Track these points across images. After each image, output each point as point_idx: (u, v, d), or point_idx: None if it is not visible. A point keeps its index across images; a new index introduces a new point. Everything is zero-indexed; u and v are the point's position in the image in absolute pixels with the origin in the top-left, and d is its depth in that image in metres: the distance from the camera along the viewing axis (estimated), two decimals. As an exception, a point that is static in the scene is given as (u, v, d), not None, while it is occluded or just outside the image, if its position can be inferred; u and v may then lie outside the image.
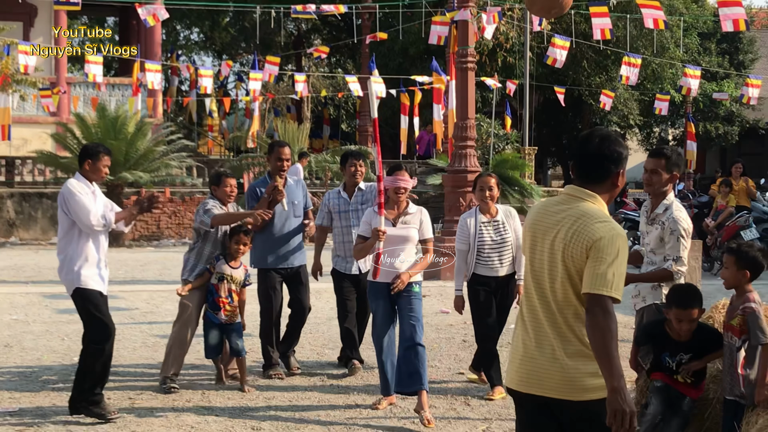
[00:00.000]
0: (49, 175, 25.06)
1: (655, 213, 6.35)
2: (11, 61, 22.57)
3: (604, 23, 19.25)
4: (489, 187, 7.88)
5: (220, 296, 8.09)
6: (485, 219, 7.90)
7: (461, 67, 16.76)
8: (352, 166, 8.97)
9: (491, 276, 7.86)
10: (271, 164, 8.84)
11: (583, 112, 37.96)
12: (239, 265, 8.29)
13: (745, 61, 40.28)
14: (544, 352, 4.06)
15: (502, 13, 25.45)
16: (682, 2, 34.91)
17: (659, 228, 6.29)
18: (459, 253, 7.98)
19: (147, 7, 22.74)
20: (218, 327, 8.15)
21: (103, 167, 7.35)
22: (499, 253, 7.83)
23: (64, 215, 7.21)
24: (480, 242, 7.80)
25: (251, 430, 7.07)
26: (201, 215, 8.26)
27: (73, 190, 7.16)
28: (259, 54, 29.62)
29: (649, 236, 6.43)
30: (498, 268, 7.84)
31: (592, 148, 4.15)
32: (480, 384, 8.26)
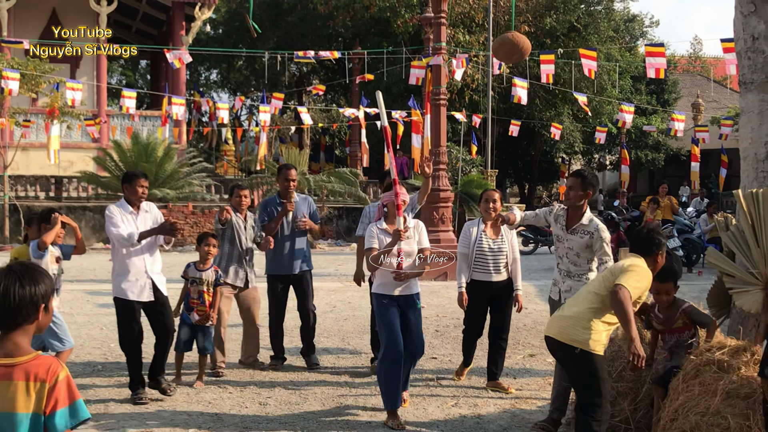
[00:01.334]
0: (91, 191, 24.96)
1: (579, 224, 6.42)
2: (60, 97, 22.53)
3: (549, 69, 19.40)
4: (493, 200, 7.58)
5: (192, 298, 7.78)
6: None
7: (435, 103, 16.80)
8: (285, 181, 8.62)
9: (487, 281, 7.50)
10: (280, 184, 8.68)
11: (535, 141, 38.11)
12: (209, 267, 7.90)
13: (669, 99, 40.61)
14: None
15: (469, 59, 25.56)
16: (618, 51, 35.11)
17: (585, 236, 6.40)
18: (461, 256, 7.64)
19: (174, 52, 22.74)
20: (189, 326, 7.78)
21: (138, 188, 7.18)
22: (494, 260, 7.49)
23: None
24: (478, 248, 7.51)
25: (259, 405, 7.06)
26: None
27: (109, 214, 7.09)
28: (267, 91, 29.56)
29: (569, 242, 6.47)
30: (493, 273, 7.49)
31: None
32: (503, 392, 7.49)
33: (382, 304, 6.72)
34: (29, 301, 2.98)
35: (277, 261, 8.51)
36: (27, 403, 2.91)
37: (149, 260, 7.21)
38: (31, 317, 3.00)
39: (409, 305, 6.74)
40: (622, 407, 5.96)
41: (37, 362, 2.96)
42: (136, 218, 7.17)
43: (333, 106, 39.60)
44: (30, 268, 3.02)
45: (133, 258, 7.12)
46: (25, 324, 3.00)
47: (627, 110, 22.91)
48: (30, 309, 2.99)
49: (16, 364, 2.93)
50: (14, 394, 2.90)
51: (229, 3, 39.87)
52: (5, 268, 3.00)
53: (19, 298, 2.94)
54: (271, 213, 8.53)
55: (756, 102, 6.50)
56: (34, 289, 2.99)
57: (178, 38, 29.16)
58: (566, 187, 6.55)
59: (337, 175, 24.81)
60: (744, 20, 6.56)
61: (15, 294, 2.94)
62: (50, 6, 29.06)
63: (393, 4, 31.30)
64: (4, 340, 2.99)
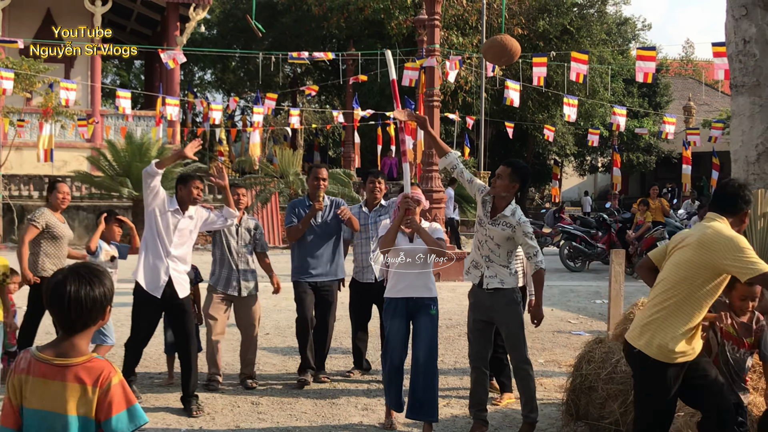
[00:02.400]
0: (85, 191, 24.87)
1: (501, 215, 6.15)
2: (54, 96, 22.47)
3: (541, 72, 19.43)
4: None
5: None
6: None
7: (428, 104, 16.80)
8: (371, 183, 8.17)
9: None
10: (309, 184, 7.92)
11: (528, 143, 38.18)
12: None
13: (661, 102, 40.73)
14: None
15: (463, 61, 25.59)
16: (610, 53, 35.18)
17: (507, 228, 6.12)
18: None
19: (168, 52, 22.68)
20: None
21: (193, 190, 6.99)
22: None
23: None
24: None
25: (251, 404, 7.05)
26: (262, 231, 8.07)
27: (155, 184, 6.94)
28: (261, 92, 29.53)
29: (490, 232, 6.20)
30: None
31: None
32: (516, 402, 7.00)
33: (386, 312, 6.51)
34: (100, 303, 2.98)
35: (301, 267, 7.83)
36: (78, 405, 2.90)
37: (175, 257, 6.95)
38: (98, 319, 3.01)
39: (420, 309, 6.38)
40: (613, 409, 5.97)
41: (90, 365, 2.94)
42: (178, 221, 6.95)
43: (327, 107, 39.63)
44: (95, 270, 3.02)
45: (158, 248, 6.90)
46: (92, 326, 3.00)
47: (620, 113, 22.97)
48: (99, 311, 2.99)
49: (70, 365, 2.92)
50: (65, 395, 2.89)
51: (224, 4, 39.84)
52: (70, 271, 2.98)
53: (90, 301, 2.94)
54: (299, 215, 7.83)
55: (747, 105, 6.51)
56: (104, 290, 2.99)
57: (173, 39, 29.10)
58: (495, 175, 6.24)
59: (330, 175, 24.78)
60: (735, 24, 6.58)
61: (87, 297, 2.93)
62: (45, 6, 28.98)
63: (387, 6, 31.31)
64: (63, 341, 2.98)
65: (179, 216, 6.98)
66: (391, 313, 6.43)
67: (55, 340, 3.00)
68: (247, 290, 7.82)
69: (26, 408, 2.92)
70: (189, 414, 6.73)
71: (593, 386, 6.10)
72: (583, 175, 48.83)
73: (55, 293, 2.93)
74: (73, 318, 2.93)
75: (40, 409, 2.91)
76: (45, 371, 2.92)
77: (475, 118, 28.16)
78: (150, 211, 6.91)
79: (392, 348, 6.39)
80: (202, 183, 7.14)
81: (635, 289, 13.95)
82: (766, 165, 6.38)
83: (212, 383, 7.63)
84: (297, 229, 7.75)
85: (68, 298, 2.91)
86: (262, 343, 9.50)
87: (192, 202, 7.04)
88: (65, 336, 2.98)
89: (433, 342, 6.33)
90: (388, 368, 6.42)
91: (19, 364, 2.98)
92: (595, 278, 16.80)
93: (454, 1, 31.73)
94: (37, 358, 2.95)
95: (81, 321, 2.95)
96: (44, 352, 2.97)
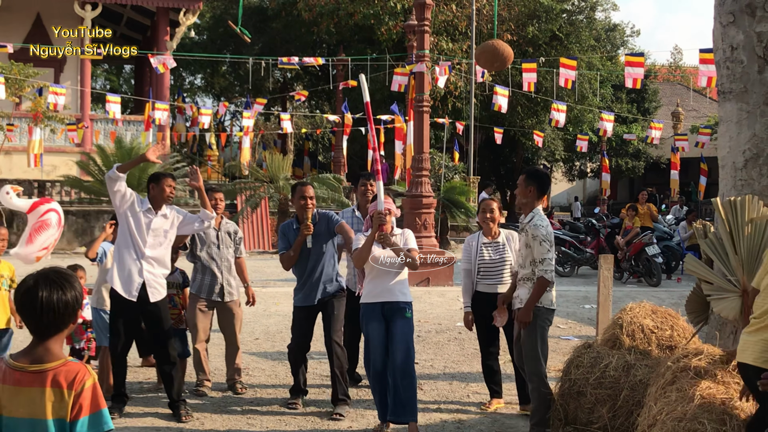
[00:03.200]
0: (74, 196, 24.78)
1: (521, 222, 6.36)
2: (43, 101, 22.41)
3: (531, 77, 19.49)
4: (491, 209, 7.26)
5: None
6: (486, 240, 7.21)
7: (418, 110, 16.82)
8: (362, 186, 8.03)
9: (491, 293, 7.09)
10: (296, 204, 7.26)
11: (517, 148, 38.24)
12: (175, 271, 7.75)
13: (650, 108, 40.88)
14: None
15: (452, 67, 25.64)
16: (599, 59, 35.30)
17: (522, 234, 6.33)
18: (464, 273, 7.25)
19: (158, 57, 22.69)
20: None
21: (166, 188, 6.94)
22: (498, 272, 7.09)
23: None
24: (480, 261, 7.16)
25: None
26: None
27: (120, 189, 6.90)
28: (251, 97, 29.53)
29: (520, 241, 6.46)
30: (497, 285, 7.05)
31: None
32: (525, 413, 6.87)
33: (364, 317, 6.57)
34: (72, 307, 2.97)
35: (300, 291, 7.29)
36: (54, 408, 2.89)
37: (150, 259, 6.84)
38: (70, 322, 2.99)
39: (395, 313, 6.44)
40: (601, 414, 5.98)
41: (65, 368, 2.93)
42: (151, 221, 6.86)
43: (317, 112, 39.61)
44: (65, 274, 3.00)
45: (131, 250, 6.80)
46: (64, 329, 2.99)
47: (607, 119, 23.04)
48: (71, 315, 2.98)
49: (47, 370, 2.91)
50: (44, 400, 2.88)
51: (214, 9, 39.81)
52: (40, 276, 2.96)
53: (63, 305, 2.93)
54: (290, 240, 7.27)
55: (734, 111, 6.55)
56: (75, 294, 2.98)
57: (163, 43, 29.05)
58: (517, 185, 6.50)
59: (320, 180, 24.75)
60: (723, 30, 6.62)
61: (59, 301, 2.92)
62: (34, 10, 28.90)
63: (377, 11, 31.35)
64: (36, 347, 2.96)
65: (151, 215, 6.88)
66: (368, 317, 6.50)
67: (29, 347, 2.98)
68: (230, 296, 7.74)
69: (5, 417, 2.90)
70: (178, 419, 6.69)
71: (582, 391, 6.12)
72: (572, 181, 48.95)
73: (26, 299, 2.92)
74: (46, 323, 2.93)
75: (20, 417, 2.89)
76: (20, 378, 2.91)
77: (465, 124, 28.21)
78: (121, 213, 6.82)
79: (373, 352, 6.46)
80: (174, 181, 7.06)
81: (624, 294, 13.99)
82: (753, 171, 6.40)
83: (201, 389, 7.59)
84: (289, 257, 7.21)
85: (40, 304, 2.90)
86: (251, 348, 9.49)
87: (165, 201, 6.95)
88: (39, 341, 2.96)
89: (409, 344, 6.41)
90: (372, 374, 6.48)
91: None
92: (584, 283, 16.82)
93: (443, 7, 31.79)
94: (11, 367, 2.93)
95: (54, 326, 2.94)
96: (18, 360, 2.95)
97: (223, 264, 7.72)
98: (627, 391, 5.93)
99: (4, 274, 6.67)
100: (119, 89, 49.62)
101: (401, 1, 30.95)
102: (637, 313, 6.56)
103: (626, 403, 5.91)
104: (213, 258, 7.68)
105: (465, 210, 23.27)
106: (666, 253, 17.51)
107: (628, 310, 6.61)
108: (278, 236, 7.43)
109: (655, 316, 6.58)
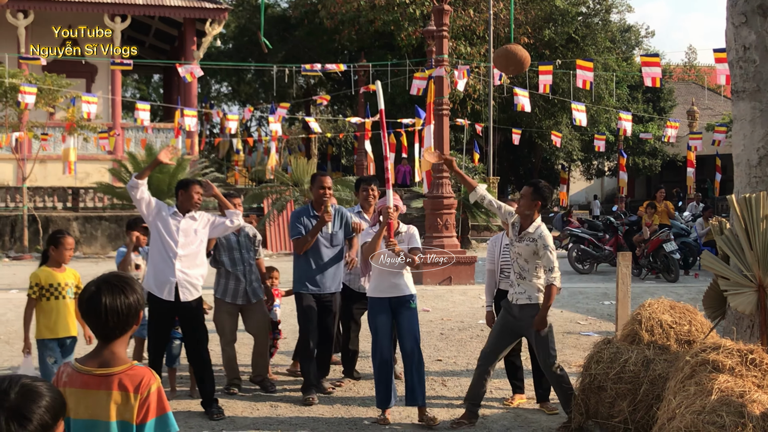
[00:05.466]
0: (107, 202, 25.00)
1: (526, 232, 6.42)
2: (76, 110, 22.62)
3: (547, 79, 19.40)
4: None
5: None
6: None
7: (438, 113, 16.80)
8: (364, 191, 8.03)
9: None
10: (314, 193, 7.50)
11: (535, 149, 38.12)
12: None
13: (665, 107, 40.60)
14: None
15: (471, 70, 25.59)
16: (614, 60, 35.11)
17: (531, 243, 6.38)
18: (488, 273, 7.31)
19: (186, 66, 22.85)
20: (179, 339, 7.48)
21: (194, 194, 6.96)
22: None
23: None
24: (503, 261, 7.20)
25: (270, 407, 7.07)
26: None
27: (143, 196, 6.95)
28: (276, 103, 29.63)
29: (519, 249, 6.47)
30: None
31: None
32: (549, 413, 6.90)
33: (372, 309, 6.78)
34: (134, 309, 3.01)
35: (306, 277, 7.37)
36: (119, 411, 2.93)
37: (184, 258, 6.85)
38: (133, 324, 3.04)
39: (401, 305, 6.69)
40: (622, 408, 5.96)
41: (132, 372, 2.97)
42: (179, 222, 6.88)
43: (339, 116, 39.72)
44: (125, 278, 3.05)
45: (163, 252, 6.83)
46: (128, 331, 3.04)
47: (625, 118, 22.91)
48: (134, 317, 3.03)
49: (114, 374, 2.96)
50: (110, 403, 2.92)
51: (239, 19, 39.99)
52: (101, 281, 3.00)
53: (126, 309, 2.97)
54: (305, 225, 7.38)
55: (748, 110, 6.50)
56: (136, 296, 3.02)
57: (190, 53, 29.23)
58: (520, 195, 6.64)
59: (343, 183, 24.79)
60: (735, 31, 6.57)
61: (122, 305, 2.97)
62: (66, 23, 29.13)
63: (397, 18, 31.36)
64: (102, 351, 3.01)
65: (179, 218, 6.91)
66: (376, 310, 6.72)
67: (94, 351, 3.04)
68: (255, 297, 7.74)
69: (73, 419, 2.94)
70: (210, 417, 6.74)
71: (602, 386, 6.10)
72: (590, 179, 48.71)
73: (90, 305, 2.97)
74: (111, 327, 2.98)
75: (87, 419, 2.94)
76: (88, 381, 2.96)
77: (484, 126, 28.16)
78: (151, 222, 6.89)
79: (381, 342, 6.66)
80: (202, 188, 7.07)
81: (642, 290, 13.93)
82: (767, 168, 6.36)
83: (231, 387, 7.62)
84: (305, 241, 7.32)
85: (104, 309, 2.95)
86: (279, 347, 9.52)
87: (193, 207, 6.96)
88: (104, 344, 3.02)
89: (416, 332, 6.68)
90: (378, 363, 6.64)
91: (62, 378, 3.00)
92: (603, 280, 16.75)
93: (461, 12, 31.75)
94: (78, 371, 2.98)
95: (118, 329, 2.99)
96: (85, 363, 3.00)
97: (246, 267, 7.70)
98: (646, 386, 5.90)
99: (69, 282, 6.68)
100: (149, 98, 49.96)
101: (420, 8, 30.94)
102: (655, 309, 6.52)
103: (646, 397, 5.89)
104: (236, 262, 7.66)
105: (485, 210, 23.25)
106: (683, 250, 17.40)
107: (647, 306, 6.58)
108: (291, 220, 7.53)
109: (673, 311, 6.54)
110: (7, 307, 12.52)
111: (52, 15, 28.15)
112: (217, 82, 49.93)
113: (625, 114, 23.24)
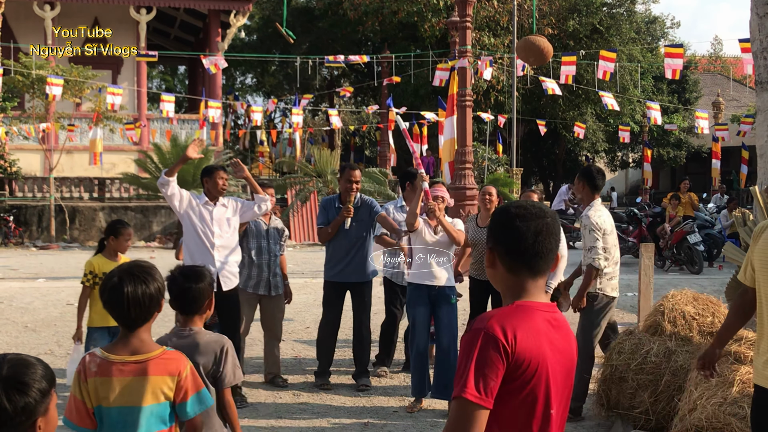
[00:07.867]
0: (133, 192, 25.18)
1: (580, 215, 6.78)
2: (103, 101, 22.80)
3: (570, 70, 19.28)
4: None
5: None
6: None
7: (461, 104, 16.78)
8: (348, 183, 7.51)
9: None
10: (341, 185, 7.52)
11: (559, 140, 37.92)
12: None
13: (690, 98, 40.23)
14: None
15: (494, 61, 25.51)
16: (639, 51, 34.83)
17: (581, 225, 6.59)
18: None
19: (210, 58, 22.94)
20: None
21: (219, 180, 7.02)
22: None
23: None
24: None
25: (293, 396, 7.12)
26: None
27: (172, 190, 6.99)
28: (300, 94, 29.69)
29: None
30: None
31: None
32: None
33: (411, 299, 6.82)
34: (156, 298, 3.08)
35: (333, 266, 7.52)
36: (155, 395, 3.03)
37: (221, 247, 6.88)
38: (155, 312, 3.11)
39: (441, 300, 6.71)
40: (643, 399, 5.95)
41: (165, 357, 3.08)
42: (212, 212, 6.91)
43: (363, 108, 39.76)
44: (146, 267, 3.11)
45: (200, 244, 6.85)
46: (151, 319, 3.11)
47: (653, 108, 22.75)
48: (156, 305, 3.10)
49: (149, 359, 3.04)
50: (145, 388, 3.01)
51: (263, 10, 40.06)
52: (123, 272, 3.06)
53: (148, 298, 3.04)
54: (331, 215, 7.52)
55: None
56: (158, 285, 3.09)
57: (214, 45, 29.33)
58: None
59: (367, 174, 24.83)
60: (760, 21, 6.51)
61: (144, 295, 3.03)
62: (92, 15, 29.36)
63: (420, 9, 31.29)
64: (130, 338, 3.08)
65: (210, 207, 6.94)
66: (415, 301, 6.76)
67: (120, 339, 3.09)
68: (276, 290, 7.64)
69: (106, 408, 3.00)
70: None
71: (624, 377, 6.10)
72: (614, 171, 48.43)
73: (113, 296, 3.03)
74: (134, 316, 3.04)
75: (122, 405, 3.00)
76: (122, 369, 3.02)
77: (507, 117, 28.05)
78: (183, 214, 6.90)
79: (418, 334, 6.74)
80: (226, 173, 7.10)
81: (665, 282, 13.85)
82: (792, 159, 6.31)
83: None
84: (327, 233, 7.46)
85: (127, 299, 3.01)
86: (302, 337, 9.60)
87: (219, 193, 6.98)
88: (129, 333, 3.07)
89: (454, 328, 6.71)
90: (414, 353, 6.77)
91: (89, 368, 3.04)
92: (626, 271, 16.64)
93: (485, 3, 31.63)
94: (108, 360, 3.04)
95: (141, 317, 3.06)
96: (116, 352, 3.06)
97: (271, 258, 7.61)
98: (668, 377, 5.89)
99: None
100: (174, 89, 50.23)
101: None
102: (678, 300, 6.51)
103: (667, 389, 5.87)
104: (262, 251, 7.57)
105: (508, 201, 23.25)
106: (707, 241, 17.27)
107: (670, 297, 6.56)
108: (318, 209, 7.61)
109: (696, 303, 6.52)
110: (34, 296, 12.64)
111: (79, 6, 28.36)
112: (242, 74, 50.09)
113: (652, 104, 23.06)
